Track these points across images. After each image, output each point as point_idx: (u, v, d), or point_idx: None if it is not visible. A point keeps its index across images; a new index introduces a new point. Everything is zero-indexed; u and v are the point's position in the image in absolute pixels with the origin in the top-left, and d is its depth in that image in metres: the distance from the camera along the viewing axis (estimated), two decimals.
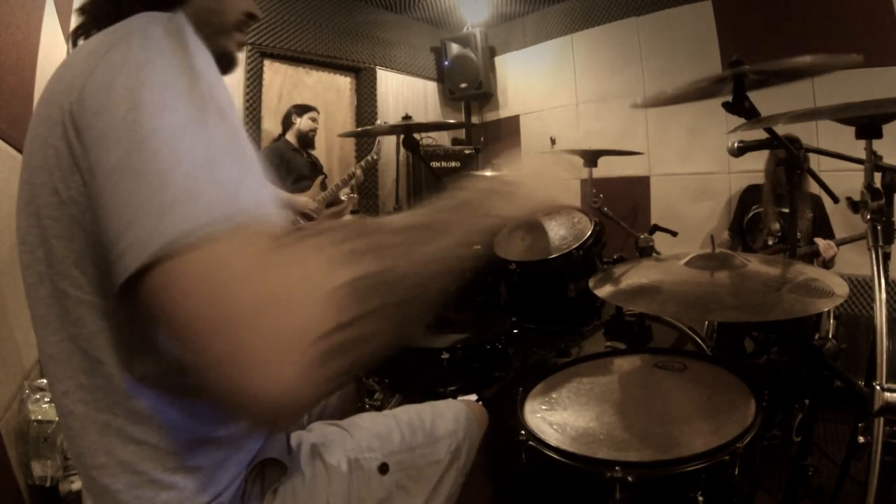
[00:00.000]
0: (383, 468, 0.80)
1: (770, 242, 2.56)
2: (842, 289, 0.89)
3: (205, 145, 0.45)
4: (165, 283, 0.41)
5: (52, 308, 0.56)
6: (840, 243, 2.34)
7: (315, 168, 3.23)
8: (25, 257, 0.58)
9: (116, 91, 0.47)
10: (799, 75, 1.08)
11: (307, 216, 3.03)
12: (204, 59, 0.51)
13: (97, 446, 0.58)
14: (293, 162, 3.11)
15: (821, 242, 2.30)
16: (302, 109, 3.20)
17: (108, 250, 0.45)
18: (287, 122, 3.19)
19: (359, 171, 3.18)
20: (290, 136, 3.17)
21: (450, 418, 0.92)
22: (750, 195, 2.80)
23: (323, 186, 3.15)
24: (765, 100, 1.06)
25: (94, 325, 0.56)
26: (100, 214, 0.47)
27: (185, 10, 0.64)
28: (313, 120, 3.20)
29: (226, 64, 0.73)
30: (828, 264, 2.32)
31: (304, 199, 3.04)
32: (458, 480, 0.88)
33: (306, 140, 3.19)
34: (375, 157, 3.31)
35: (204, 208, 0.42)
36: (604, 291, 1.04)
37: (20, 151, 0.60)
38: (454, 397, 1.46)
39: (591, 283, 1.07)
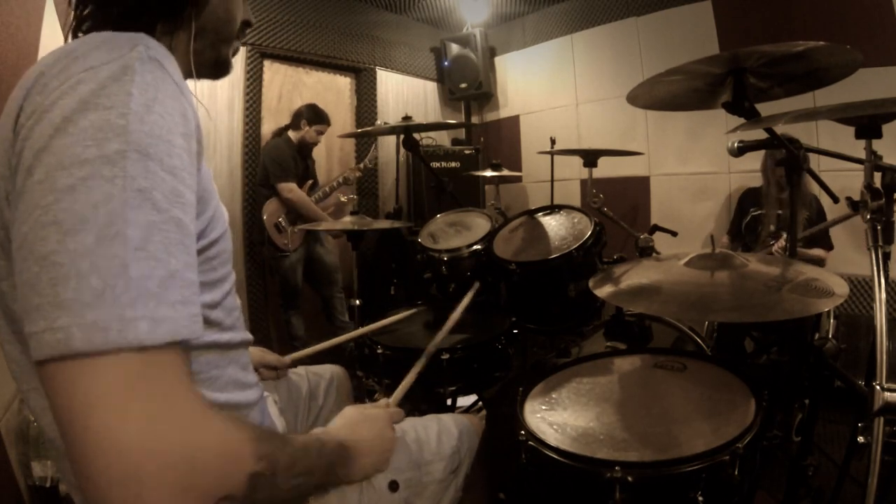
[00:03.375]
0: (393, 486, 0.80)
1: (770, 243, 2.56)
2: (842, 289, 0.89)
3: (112, 239, 0.42)
4: (55, 387, 0.41)
5: (21, 335, 0.51)
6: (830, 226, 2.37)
7: (307, 170, 3.18)
8: None
9: (36, 148, 0.44)
10: (800, 84, 1.08)
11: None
12: (153, 99, 0.48)
13: None
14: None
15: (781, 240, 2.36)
16: (315, 119, 3.08)
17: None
18: (296, 123, 3.10)
19: (357, 174, 3.17)
20: (293, 135, 3.09)
21: (454, 434, 0.94)
22: (748, 198, 2.81)
23: (310, 191, 3.11)
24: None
25: None
26: (14, 278, 0.45)
27: (199, 18, 0.65)
28: (320, 133, 3.13)
29: (223, 69, 0.74)
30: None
31: None
32: (457, 494, 0.90)
33: (305, 148, 3.13)
34: (371, 164, 3.32)
35: (97, 316, 0.41)
36: (604, 292, 1.04)
37: None
38: (454, 397, 1.47)
39: (591, 284, 1.07)
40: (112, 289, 0.42)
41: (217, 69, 0.72)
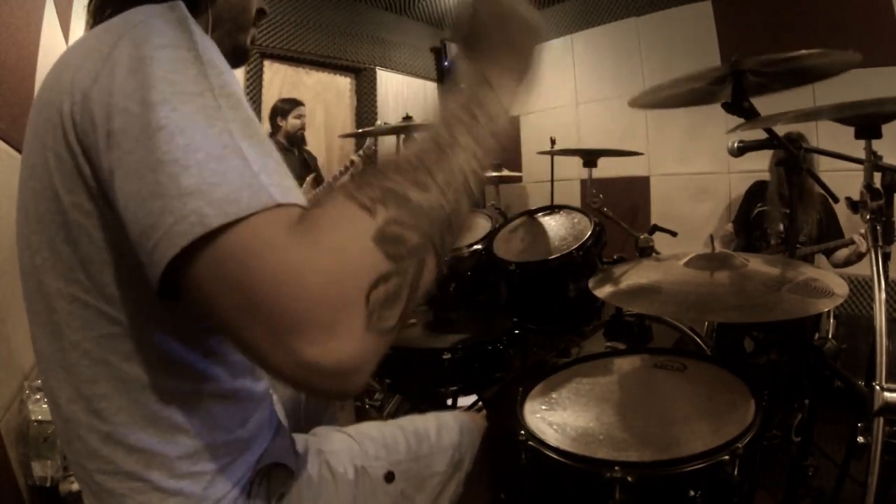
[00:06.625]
0: (389, 477, 0.80)
1: (773, 242, 2.56)
2: (842, 289, 0.89)
3: (219, 132, 0.44)
4: (201, 270, 0.41)
5: (54, 313, 0.55)
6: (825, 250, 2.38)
7: (307, 165, 3.17)
8: (26, 262, 0.57)
9: (124, 92, 0.46)
10: (799, 79, 1.08)
11: None
12: (210, 47, 0.50)
13: (100, 454, 0.57)
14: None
15: (857, 237, 2.32)
16: (287, 108, 3.10)
17: (139, 251, 0.44)
18: (274, 123, 3.12)
19: (357, 160, 3.18)
20: (280, 137, 3.11)
21: (454, 429, 0.93)
22: (757, 191, 2.78)
23: (316, 183, 3.12)
24: (765, 99, 1.06)
25: (103, 331, 0.55)
26: (120, 218, 0.46)
27: (214, 6, 0.65)
28: (299, 118, 3.13)
29: (240, 57, 0.74)
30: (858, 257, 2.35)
31: None
32: (458, 490, 0.89)
33: (296, 139, 3.13)
34: (373, 147, 3.31)
35: (226, 191, 0.41)
36: (604, 292, 1.04)
37: (20, 152, 0.60)
38: (455, 398, 1.47)
39: (591, 284, 1.08)
40: (234, 168, 0.43)
41: (235, 58, 0.72)
